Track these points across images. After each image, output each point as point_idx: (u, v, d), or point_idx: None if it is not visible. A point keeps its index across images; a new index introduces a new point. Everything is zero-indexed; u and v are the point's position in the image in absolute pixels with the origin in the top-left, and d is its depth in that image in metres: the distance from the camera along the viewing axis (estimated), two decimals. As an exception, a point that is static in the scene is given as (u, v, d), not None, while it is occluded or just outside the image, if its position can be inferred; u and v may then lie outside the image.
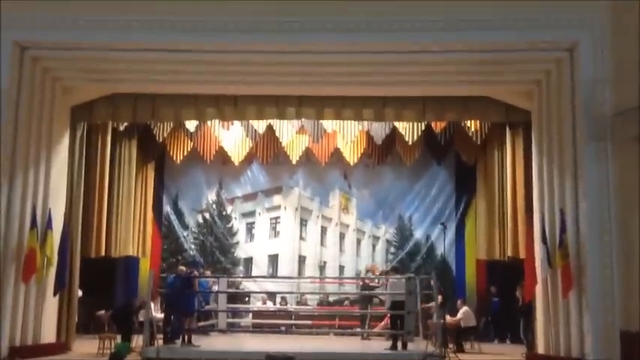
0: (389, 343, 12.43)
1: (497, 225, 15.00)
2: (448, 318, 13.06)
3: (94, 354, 11.37)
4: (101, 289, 14.73)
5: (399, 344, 12.14)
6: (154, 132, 15.46)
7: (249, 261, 17.46)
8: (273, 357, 10.17)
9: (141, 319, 12.30)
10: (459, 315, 13.59)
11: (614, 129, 10.28)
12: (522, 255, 12.46)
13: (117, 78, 12.12)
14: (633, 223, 10.01)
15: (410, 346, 12.12)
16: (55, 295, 11.84)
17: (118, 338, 11.99)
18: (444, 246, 16.53)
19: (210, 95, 12.71)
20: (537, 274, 11.16)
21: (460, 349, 12.68)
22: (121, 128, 15.00)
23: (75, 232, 12.71)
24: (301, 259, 17.49)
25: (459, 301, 14.24)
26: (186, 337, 12.40)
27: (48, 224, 11.69)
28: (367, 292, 14.76)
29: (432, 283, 11.98)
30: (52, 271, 11.79)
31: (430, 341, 11.88)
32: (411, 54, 11.25)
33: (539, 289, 11.27)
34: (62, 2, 11.04)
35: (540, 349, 11.28)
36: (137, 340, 12.00)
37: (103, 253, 14.66)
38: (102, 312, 13.89)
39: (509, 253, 14.13)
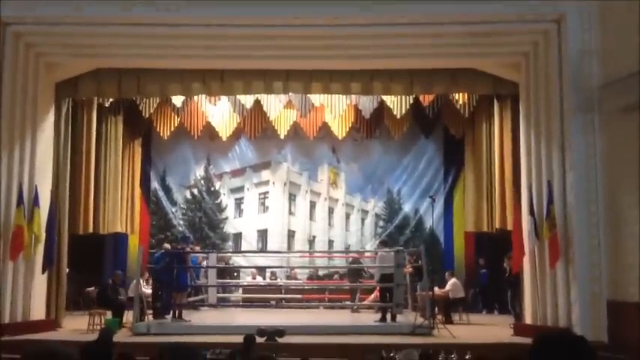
0: (378, 316, 12.54)
1: (485, 197, 15.09)
2: (437, 290, 13.17)
3: (83, 330, 11.37)
4: (90, 266, 14.72)
5: (389, 316, 12.26)
6: (140, 108, 15.34)
7: (238, 236, 17.48)
8: (263, 331, 10.28)
9: (130, 294, 12.31)
10: (448, 287, 13.70)
11: (601, 100, 10.32)
12: (510, 227, 12.54)
13: (101, 53, 11.98)
14: (620, 194, 10.09)
15: (399, 318, 12.24)
16: (43, 272, 11.81)
17: (108, 314, 12.00)
18: (432, 219, 16.60)
19: (197, 70, 12.58)
20: (525, 245, 11.25)
21: (449, 321, 12.80)
22: (107, 104, 14.86)
23: (62, 209, 12.64)
24: (290, 234, 17.52)
25: (447, 273, 14.36)
26: (176, 312, 12.44)
27: (35, 202, 11.62)
28: (356, 265, 14.87)
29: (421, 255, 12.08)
30: (40, 248, 11.74)
31: (419, 313, 11.99)
32: (398, 26, 11.19)
33: (526, 260, 11.35)
34: (44, -24, 10.87)
35: (528, 319, 11.40)
36: (127, 316, 12.03)
37: (91, 230, 14.62)
38: (91, 289, 13.88)
39: (497, 225, 14.24)
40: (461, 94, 14.58)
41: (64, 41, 11.71)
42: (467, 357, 8.45)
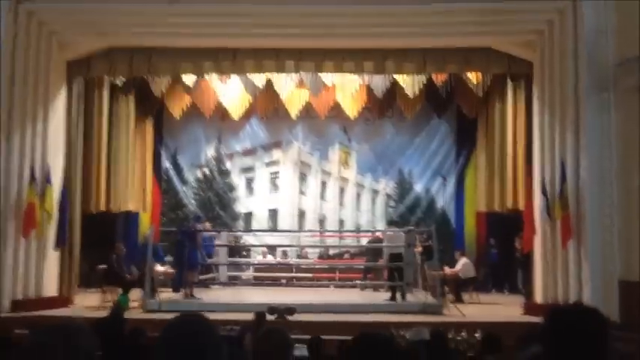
0: (389, 295, 12.57)
1: (497, 177, 15.03)
2: (447, 269, 13.18)
3: (95, 307, 11.49)
4: (102, 244, 14.79)
5: (398, 295, 12.28)
6: (152, 87, 15.33)
7: (249, 215, 17.51)
8: (274, 308, 10.33)
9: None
10: (458, 266, 13.69)
11: (616, 79, 10.20)
12: (522, 207, 12.49)
13: (113, 31, 11.98)
14: (634, 173, 10.00)
15: (409, 297, 12.26)
16: (55, 249, 11.91)
17: (120, 291, 12.10)
18: (443, 199, 16.56)
19: (208, 48, 12.53)
20: (536, 224, 11.20)
21: (459, 300, 12.81)
22: (119, 83, 14.87)
23: (74, 187, 12.72)
24: (301, 214, 17.54)
25: (457, 253, 14.34)
26: (188, 290, 12.52)
27: (47, 179, 11.69)
28: (374, 245, 14.87)
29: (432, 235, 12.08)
30: (53, 225, 11.86)
31: (429, 292, 12.00)
32: (411, 5, 11.11)
33: (537, 239, 11.32)
34: (55, -47, 10.84)
35: (538, 298, 11.38)
36: (137, 292, 12.12)
37: (103, 208, 14.74)
38: (103, 266, 13.98)
39: (508, 205, 14.19)
40: (474, 73, 14.47)
41: (77, 19, 11.71)
42: (476, 335, 8.48)
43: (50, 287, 11.89)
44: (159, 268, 13.00)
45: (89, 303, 12.02)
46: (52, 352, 1.66)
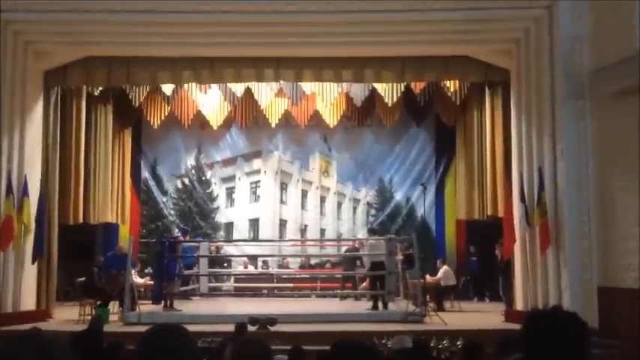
0: (370, 304, 12.55)
1: (476, 185, 15.12)
2: (428, 277, 13.20)
3: (74, 320, 11.33)
4: (81, 257, 14.62)
5: (380, 304, 12.27)
6: (130, 96, 15.27)
7: (229, 226, 17.43)
8: (255, 319, 10.26)
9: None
10: (439, 274, 13.73)
11: (592, 86, 10.31)
12: (501, 214, 12.55)
13: (90, 41, 11.87)
14: (611, 180, 10.10)
15: (391, 305, 12.25)
16: (33, 262, 11.74)
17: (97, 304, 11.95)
18: (424, 207, 16.60)
19: (187, 58, 12.48)
20: (515, 232, 11.26)
21: (440, 308, 12.82)
22: (96, 93, 14.76)
23: (52, 199, 12.57)
24: (282, 223, 17.49)
25: (438, 261, 14.39)
26: (167, 302, 12.41)
27: (24, 191, 11.54)
28: (350, 254, 14.88)
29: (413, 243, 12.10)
30: (30, 238, 11.69)
31: (410, 301, 12.00)
32: (390, 13, 11.14)
33: (517, 247, 11.38)
34: (31, -37, 10.75)
35: (519, 305, 11.43)
36: (116, 306, 11.98)
37: (81, 220, 14.57)
38: (82, 279, 13.81)
39: (488, 212, 14.27)
40: (452, 81, 14.59)
41: (53, 29, 11.61)
42: (458, 343, 8.49)
43: (28, 301, 11.71)
44: (138, 280, 12.88)
45: (68, 316, 11.84)
46: None
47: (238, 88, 15.36)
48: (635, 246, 9.54)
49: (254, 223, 17.49)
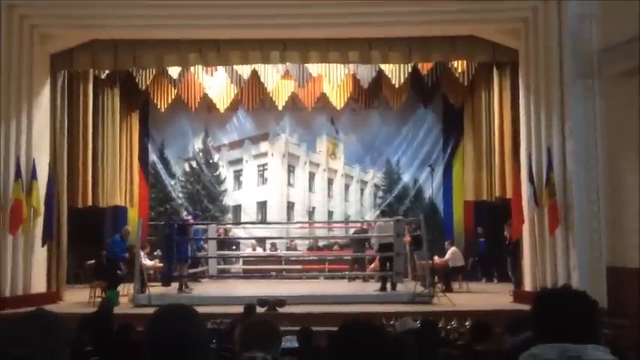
0: (379, 285, 12.58)
1: (484, 166, 15.07)
2: (436, 259, 13.21)
3: (85, 303, 11.42)
4: (90, 239, 14.72)
5: (389, 286, 12.30)
6: (137, 80, 15.23)
7: (237, 208, 17.46)
8: (264, 301, 10.31)
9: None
10: (447, 255, 13.74)
11: (600, 65, 10.23)
12: (509, 195, 12.52)
13: (96, 24, 11.85)
14: (620, 160, 10.05)
15: (399, 286, 12.28)
16: (43, 245, 11.82)
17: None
18: (431, 189, 16.54)
19: (193, 40, 12.46)
20: (524, 213, 11.24)
21: (449, 289, 12.85)
22: (103, 76, 14.74)
23: (61, 182, 12.62)
24: (290, 206, 17.51)
25: (446, 242, 14.40)
26: (181, 284, 12.50)
27: (32, 175, 11.59)
28: (358, 235, 14.90)
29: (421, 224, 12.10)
30: (40, 221, 11.75)
31: (419, 282, 12.02)
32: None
33: (525, 227, 11.36)
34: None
35: (527, 286, 11.43)
36: (128, 288, 12.06)
37: (90, 203, 14.64)
38: (92, 261, 13.92)
39: (496, 193, 14.23)
40: (460, 62, 14.49)
41: (59, 12, 11.58)
42: (466, 324, 8.51)
43: (39, 284, 11.81)
44: (148, 262, 12.95)
45: (78, 299, 11.94)
46: (26, 343, 1.62)
47: (245, 71, 15.31)
48: (644, 226, 9.53)
49: (262, 206, 17.51)
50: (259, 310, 9.24)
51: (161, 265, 13.20)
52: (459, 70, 14.82)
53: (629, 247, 9.77)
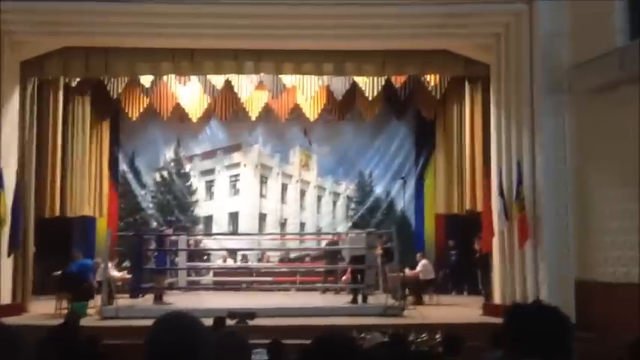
0: (350, 298, 12.55)
1: (455, 179, 15.16)
2: (407, 271, 13.23)
3: (50, 314, 11.19)
4: (57, 250, 14.45)
5: (359, 298, 12.27)
6: (108, 88, 15.02)
7: (209, 219, 17.32)
8: (234, 313, 10.20)
9: (99, 278, 12.13)
10: (418, 268, 13.76)
11: (571, 81, 10.38)
12: (480, 208, 12.61)
13: (68, 31, 11.69)
14: (589, 175, 10.19)
15: (370, 299, 12.26)
16: (9, 255, 11.57)
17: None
18: (403, 201, 16.64)
19: (166, 49, 12.33)
20: (494, 226, 11.32)
21: (419, 302, 12.87)
22: (74, 84, 14.55)
23: (28, 191, 12.38)
24: (262, 217, 17.43)
25: (418, 255, 14.42)
26: (157, 295, 12.35)
27: (-1, 183, 11.36)
28: (330, 247, 14.88)
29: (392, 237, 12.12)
30: (6, 231, 11.50)
31: (390, 294, 12.02)
32: (371, 6, 11.13)
33: (495, 241, 11.45)
34: (6, -49, 10.54)
35: (497, 299, 11.50)
36: (95, 300, 11.86)
37: (57, 213, 14.38)
38: (58, 272, 13.64)
39: (467, 206, 14.32)
40: (432, 75, 14.59)
41: (30, 18, 11.40)
42: (437, 337, 8.51)
43: (4, 295, 11.52)
44: (116, 273, 12.76)
45: (44, 310, 11.70)
46: None
47: (218, 81, 15.22)
48: (612, 240, 9.65)
49: (233, 217, 17.41)
50: (229, 322, 9.14)
51: (129, 276, 12.99)
52: (432, 83, 14.93)
53: (598, 261, 9.90)
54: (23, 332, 1.76)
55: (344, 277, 14.34)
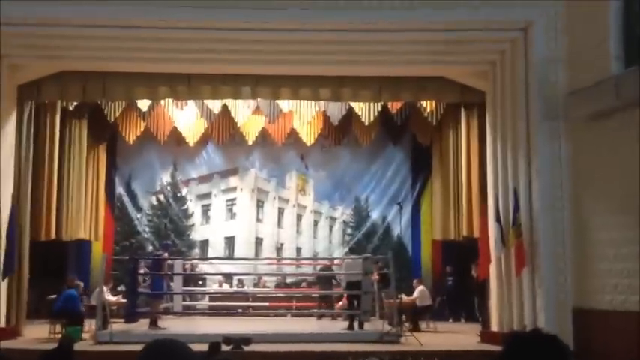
0: (346, 323, 12.47)
1: (452, 205, 15.15)
2: (404, 297, 13.17)
3: (44, 338, 11.09)
4: (52, 274, 14.38)
5: (356, 324, 12.20)
6: (105, 112, 15.06)
7: (205, 243, 17.28)
8: (229, 339, 10.13)
9: (94, 302, 12.05)
10: (415, 294, 13.71)
11: (566, 108, 10.42)
12: (477, 234, 12.59)
13: (66, 55, 11.74)
14: (585, 201, 10.19)
15: (367, 325, 12.19)
16: (3, 279, 11.49)
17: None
18: (400, 227, 16.65)
19: (163, 73, 12.39)
20: (491, 252, 11.30)
21: (416, 328, 12.79)
22: (71, 108, 14.58)
23: (24, 214, 12.32)
24: (258, 241, 17.40)
25: (415, 281, 14.37)
26: (152, 320, 12.26)
27: (-5, 206, 11.32)
28: (326, 272, 14.82)
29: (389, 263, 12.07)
30: (1, 254, 11.44)
31: (386, 320, 11.95)
32: (367, 33, 11.20)
33: (493, 267, 11.41)
34: (6, -24, 10.60)
35: (494, 326, 11.43)
36: (90, 324, 11.77)
37: (53, 236, 14.32)
38: (53, 296, 13.56)
39: (464, 232, 14.29)
40: (428, 102, 14.68)
41: (28, 42, 11.45)
42: (434, 364, 8.45)
43: (-2, 318, 11.46)
44: (111, 297, 12.67)
45: (38, 334, 11.60)
46: None
47: (215, 105, 15.30)
48: (609, 267, 9.63)
49: (229, 241, 17.37)
50: (224, 348, 9.07)
51: (124, 300, 12.91)
52: (428, 109, 15.01)
53: (595, 288, 9.86)
54: (17, 356, 1.74)
55: (340, 303, 14.26)
